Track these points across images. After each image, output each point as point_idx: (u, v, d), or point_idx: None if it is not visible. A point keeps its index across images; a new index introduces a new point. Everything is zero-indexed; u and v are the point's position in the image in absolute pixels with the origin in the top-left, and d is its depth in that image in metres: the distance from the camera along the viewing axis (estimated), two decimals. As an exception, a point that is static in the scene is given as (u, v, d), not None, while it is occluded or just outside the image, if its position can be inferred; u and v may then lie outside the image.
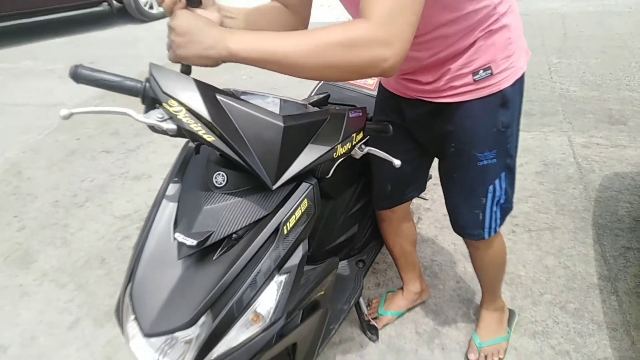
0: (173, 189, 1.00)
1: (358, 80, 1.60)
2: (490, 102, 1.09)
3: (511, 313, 1.65)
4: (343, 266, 1.60)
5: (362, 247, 1.64)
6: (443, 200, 2.18)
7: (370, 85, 1.58)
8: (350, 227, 1.53)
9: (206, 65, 0.83)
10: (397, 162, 1.11)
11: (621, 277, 1.79)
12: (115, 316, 0.98)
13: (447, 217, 2.19)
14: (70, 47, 5.34)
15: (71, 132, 3.29)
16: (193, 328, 0.86)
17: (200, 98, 0.83)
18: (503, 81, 1.07)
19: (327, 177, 1.19)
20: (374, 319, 1.68)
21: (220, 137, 0.84)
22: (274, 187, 0.90)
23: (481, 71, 1.05)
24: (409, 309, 1.73)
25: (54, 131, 3.33)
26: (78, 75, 0.83)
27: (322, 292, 1.17)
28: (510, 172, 1.21)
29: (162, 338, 0.88)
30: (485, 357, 1.52)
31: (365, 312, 1.65)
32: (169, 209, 0.97)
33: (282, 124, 0.87)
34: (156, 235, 0.94)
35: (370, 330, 1.64)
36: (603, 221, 2.08)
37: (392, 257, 1.68)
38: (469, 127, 1.13)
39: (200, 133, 0.83)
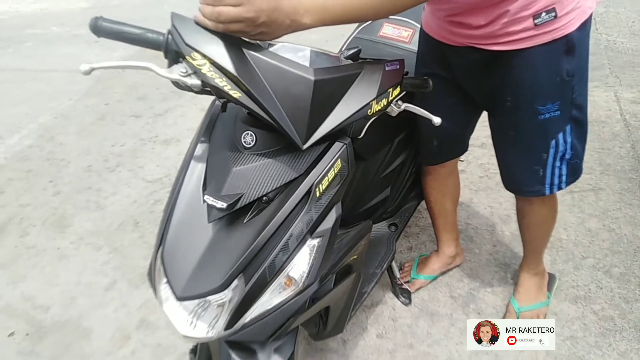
0: (201, 149, 0.96)
1: (391, 33, 1.50)
2: (554, 49, 0.97)
3: (551, 277, 1.58)
4: (375, 229, 1.56)
5: (394, 210, 1.59)
6: (478, 162, 2.11)
7: (405, 37, 1.48)
8: (382, 189, 1.47)
9: None
10: (436, 120, 1.03)
11: (672, 240, 1.69)
12: (148, 279, 0.98)
13: (484, 179, 2.13)
14: (93, 11, 5.32)
15: (100, 97, 3.30)
16: (226, 291, 0.85)
17: (225, 50, 0.78)
18: (568, 24, 0.95)
19: (359, 137, 1.13)
20: (407, 282, 1.65)
21: (247, 92, 0.79)
22: (305, 147, 0.85)
23: (543, 13, 0.93)
24: (443, 273, 1.69)
25: (84, 96, 3.34)
26: (98, 28, 0.78)
27: (355, 256, 1.13)
28: (579, 124, 1.10)
29: (195, 301, 0.86)
30: (524, 322, 1.47)
31: (398, 275, 1.62)
32: (197, 171, 0.94)
33: (312, 78, 0.81)
34: (186, 197, 0.92)
35: (402, 294, 1.62)
36: (652, 182, 1.96)
37: (430, 215, 1.62)
38: (529, 78, 1.02)
39: (225, 89, 0.79)
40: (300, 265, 0.90)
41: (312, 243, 0.91)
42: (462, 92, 1.20)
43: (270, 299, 0.89)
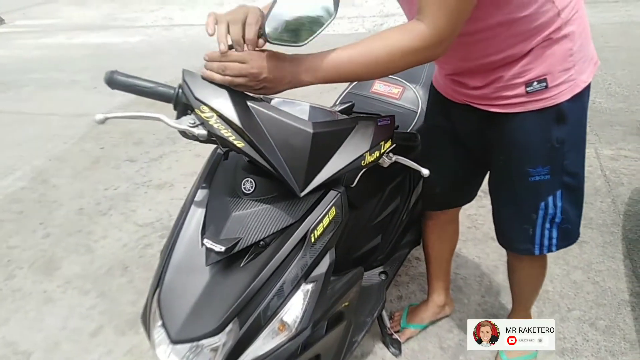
0: (201, 194, 1.00)
1: (383, 90, 1.60)
2: (544, 116, 1.01)
3: (539, 329, 1.60)
4: (366, 277, 1.57)
5: (385, 259, 1.62)
6: (467, 212, 2.16)
7: (395, 94, 1.57)
8: (373, 237, 1.51)
9: None
10: (425, 172, 1.09)
11: (654, 294, 1.73)
12: (142, 322, 0.98)
13: (471, 230, 2.18)
14: (93, 59, 5.48)
15: (96, 141, 3.35)
16: (220, 335, 0.86)
17: (231, 104, 0.84)
18: (559, 95, 0.99)
19: (352, 186, 1.18)
20: (397, 332, 1.65)
21: (250, 142, 0.85)
22: (302, 194, 0.89)
23: (535, 83, 0.98)
24: (432, 323, 1.70)
25: (80, 140, 3.39)
26: (113, 81, 0.84)
27: (347, 303, 1.15)
28: (571, 190, 1.12)
29: (188, 345, 0.87)
30: (513, 374, 1.47)
31: (388, 325, 1.62)
32: (197, 215, 0.97)
33: (311, 131, 0.87)
34: (184, 241, 0.95)
35: (392, 344, 1.61)
36: (633, 236, 2.01)
37: (425, 260, 1.64)
38: (520, 141, 1.06)
39: (230, 139, 0.84)
40: (294, 310, 0.92)
41: (306, 288, 0.93)
42: (463, 147, 1.26)
43: (264, 343, 0.91)
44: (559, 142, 1.04)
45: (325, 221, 0.95)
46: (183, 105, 0.86)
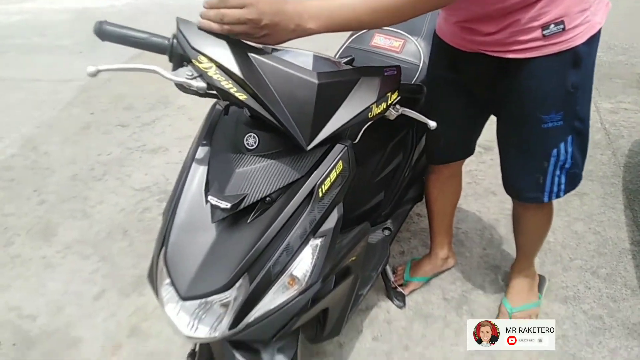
0: (202, 152, 0.96)
1: (383, 43, 1.54)
2: (560, 60, 1.00)
3: (541, 279, 1.62)
4: (370, 233, 1.57)
5: (388, 215, 1.61)
6: (467, 168, 2.14)
7: (396, 47, 1.51)
8: (377, 194, 1.49)
9: None
10: (432, 124, 1.06)
11: (654, 242, 1.75)
12: (149, 281, 0.97)
13: (472, 185, 2.17)
14: (76, 23, 5.28)
15: (85, 107, 3.26)
16: (230, 291, 0.84)
17: (231, 54, 0.79)
18: (576, 37, 0.97)
19: (355, 141, 1.15)
20: (400, 285, 1.66)
21: (253, 95, 0.80)
22: (309, 147, 0.86)
23: (552, 25, 0.95)
24: (435, 275, 1.71)
25: (68, 106, 3.30)
26: (102, 32, 0.79)
27: (354, 258, 1.14)
28: (580, 136, 1.12)
29: (197, 302, 0.86)
30: (516, 322, 1.49)
31: (392, 279, 1.63)
32: (199, 173, 0.94)
33: (316, 81, 0.83)
34: (188, 199, 0.92)
35: (397, 297, 1.63)
36: (633, 186, 2.02)
37: (428, 214, 1.64)
38: (535, 87, 1.04)
39: (231, 91, 0.80)
40: (304, 264, 0.91)
41: (315, 243, 0.92)
42: (470, 96, 1.23)
43: (274, 298, 0.89)
44: (574, 86, 1.03)
45: (333, 175, 0.92)
46: (179, 56, 0.82)
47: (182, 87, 0.85)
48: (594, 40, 1.00)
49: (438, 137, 1.33)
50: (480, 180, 2.17)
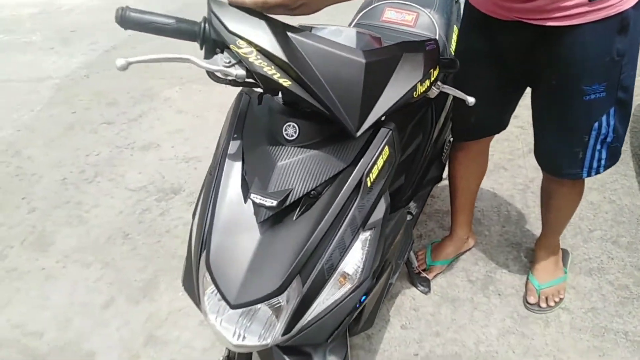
0: (234, 147, 0.88)
1: (395, 18, 1.46)
2: (607, 27, 0.94)
3: (564, 252, 1.60)
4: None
5: (409, 199, 1.55)
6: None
7: (409, 21, 1.44)
8: (397, 178, 1.43)
9: None
10: (471, 100, 1.00)
11: (670, 207, 1.75)
12: (185, 289, 0.89)
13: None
14: (42, 17, 5.01)
15: (65, 106, 3.09)
16: (284, 294, 0.78)
17: (272, 36, 0.71)
18: (625, 1, 0.91)
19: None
20: (423, 270, 1.62)
21: (297, 79, 0.73)
22: (358, 133, 0.79)
23: None
24: (457, 257, 1.68)
25: (47, 106, 3.12)
26: (125, 19, 0.70)
27: (392, 247, 1.09)
28: (623, 107, 1.07)
29: (247, 309, 0.79)
30: (546, 299, 1.47)
31: (415, 264, 1.59)
32: (234, 170, 0.86)
33: (363, 60, 0.76)
34: (225, 199, 0.84)
35: (421, 282, 1.59)
36: (641, 152, 2.02)
37: (451, 193, 1.59)
38: (578, 57, 0.98)
39: (275, 77, 0.72)
40: (354, 260, 0.85)
41: (365, 236, 0.86)
42: (505, 69, 1.17)
43: (327, 298, 0.83)
44: (620, 54, 0.97)
45: (380, 162, 0.85)
46: (212, 42, 0.74)
47: (215, 76, 0.77)
48: None
49: (469, 114, 1.28)
50: (489, 156, 2.13)
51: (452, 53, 1.46)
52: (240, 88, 0.95)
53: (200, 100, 2.99)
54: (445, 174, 1.68)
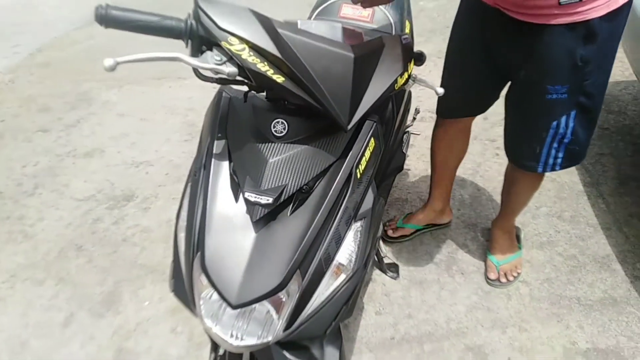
0: (219, 146, 0.87)
1: (352, 14, 1.49)
2: (573, 32, 0.98)
3: (517, 230, 1.72)
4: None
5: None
6: (428, 132, 2.19)
7: (365, 17, 1.47)
8: None
9: None
10: (440, 90, 1.04)
11: (602, 182, 1.93)
12: (175, 295, 0.87)
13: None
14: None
15: (-10, 114, 2.86)
16: (285, 290, 0.79)
17: (264, 32, 0.71)
18: (592, 11, 0.95)
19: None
20: (393, 229, 1.73)
21: (291, 76, 0.74)
22: (349, 127, 0.81)
23: None
24: (428, 227, 1.76)
25: (-32, 116, 2.87)
26: (107, 18, 0.67)
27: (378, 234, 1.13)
28: (585, 112, 1.11)
29: (248, 307, 0.79)
30: (505, 274, 1.58)
31: (384, 251, 1.64)
32: (223, 170, 0.85)
33: (352, 55, 0.78)
34: (216, 199, 0.83)
35: (390, 268, 1.63)
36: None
37: (431, 168, 1.66)
38: (544, 56, 1.04)
39: (268, 74, 0.72)
40: (347, 250, 0.87)
41: (356, 226, 0.88)
42: (490, 57, 1.22)
43: (325, 290, 0.85)
44: (583, 61, 1.02)
45: (367, 154, 0.88)
46: (199, 39, 0.72)
47: (202, 75, 0.75)
48: (615, 15, 0.98)
49: (452, 92, 1.33)
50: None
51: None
52: (219, 87, 0.94)
53: (144, 102, 2.86)
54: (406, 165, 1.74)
